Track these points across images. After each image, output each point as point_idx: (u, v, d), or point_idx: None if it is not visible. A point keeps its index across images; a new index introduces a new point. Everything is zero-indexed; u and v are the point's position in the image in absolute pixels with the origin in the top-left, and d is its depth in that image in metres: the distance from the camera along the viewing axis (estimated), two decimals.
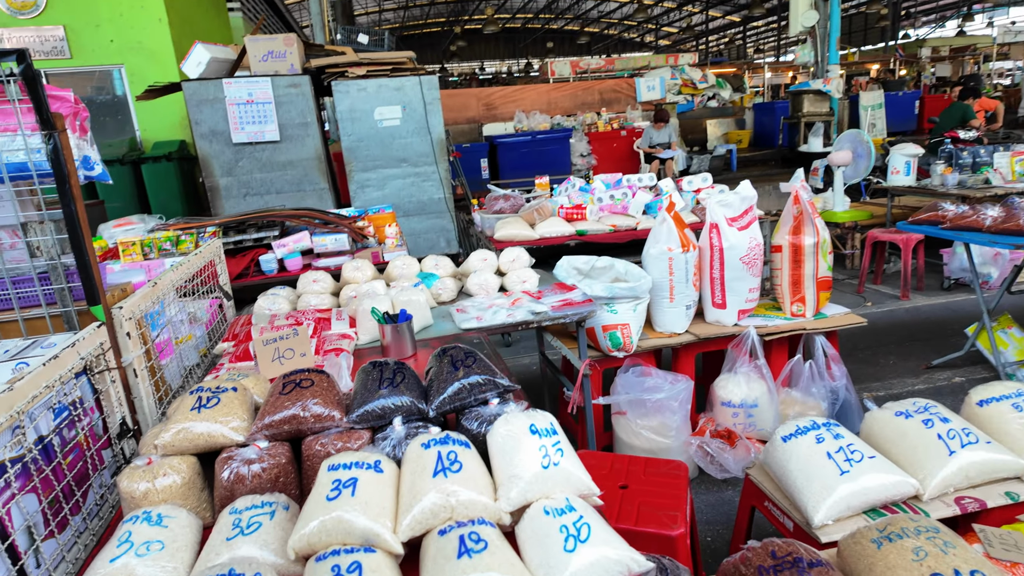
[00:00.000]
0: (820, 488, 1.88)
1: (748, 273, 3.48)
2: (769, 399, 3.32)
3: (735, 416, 3.35)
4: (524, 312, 2.79)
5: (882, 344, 4.95)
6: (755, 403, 3.31)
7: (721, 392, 3.38)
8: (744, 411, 3.33)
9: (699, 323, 3.61)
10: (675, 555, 1.85)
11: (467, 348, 1.62)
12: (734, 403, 3.32)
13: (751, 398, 3.30)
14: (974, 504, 1.91)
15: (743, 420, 3.34)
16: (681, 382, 3.19)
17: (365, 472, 1.20)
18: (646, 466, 2.20)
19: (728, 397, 3.34)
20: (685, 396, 3.16)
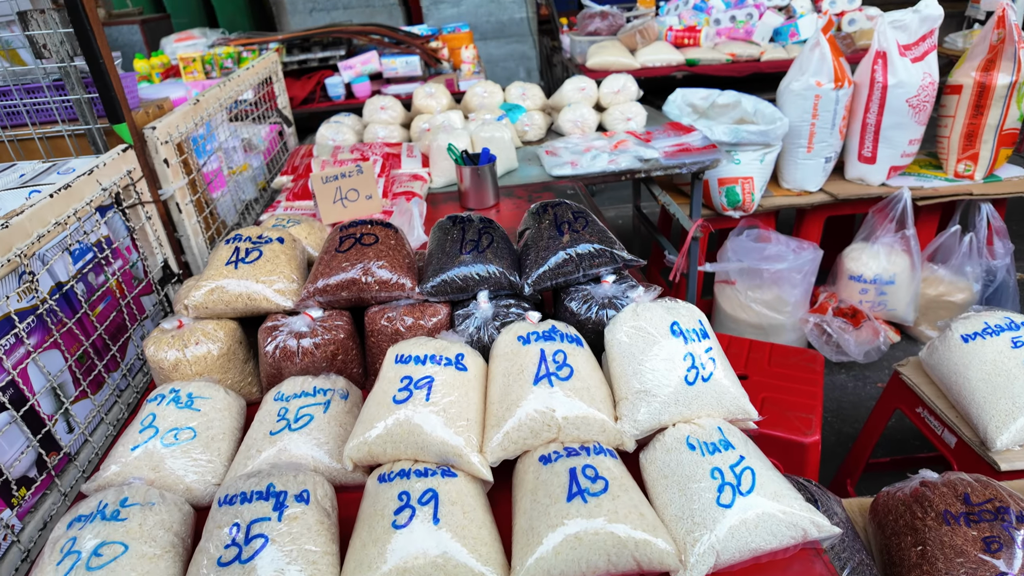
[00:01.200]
0: (1010, 405, 1.46)
1: (912, 120, 2.76)
2: (910, 276, 2.79)
3: (863, 293, 2.87)
4: (630, 158, 2.30)
5: None
6: (891, 280, 2.79)
7: (851, 264, 2.87)
8: (876, 288, 2.83)
9: (836, 180, 3.00)
10: (803, 466, 1.54)
11: (576, 206, 1.21)
12: (866, 278, 2.82)
13: (888, 273, 2.78)
14: None
15: (872, 298, 2.86)
16: (807, 251, 2.69)
17: (444, 369, 0.89)
18: (771, 353, 1.83)
19: (859, 271, 2.84)
20: (811, 267, 2.68)
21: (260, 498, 0.78)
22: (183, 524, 0.84)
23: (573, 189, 2.13)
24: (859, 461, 1.93)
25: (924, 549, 1.09)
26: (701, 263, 2.63)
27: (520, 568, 0.75)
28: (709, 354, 0.91)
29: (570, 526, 0.75)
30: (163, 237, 1.56)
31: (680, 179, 2.96)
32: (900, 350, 2.96)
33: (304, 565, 0.74)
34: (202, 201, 1.80)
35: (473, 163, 2.00)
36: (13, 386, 1.02)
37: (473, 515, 0.80)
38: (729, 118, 3.01)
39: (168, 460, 0.91)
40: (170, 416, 0.95)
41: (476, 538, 0.78)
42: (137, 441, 0.93)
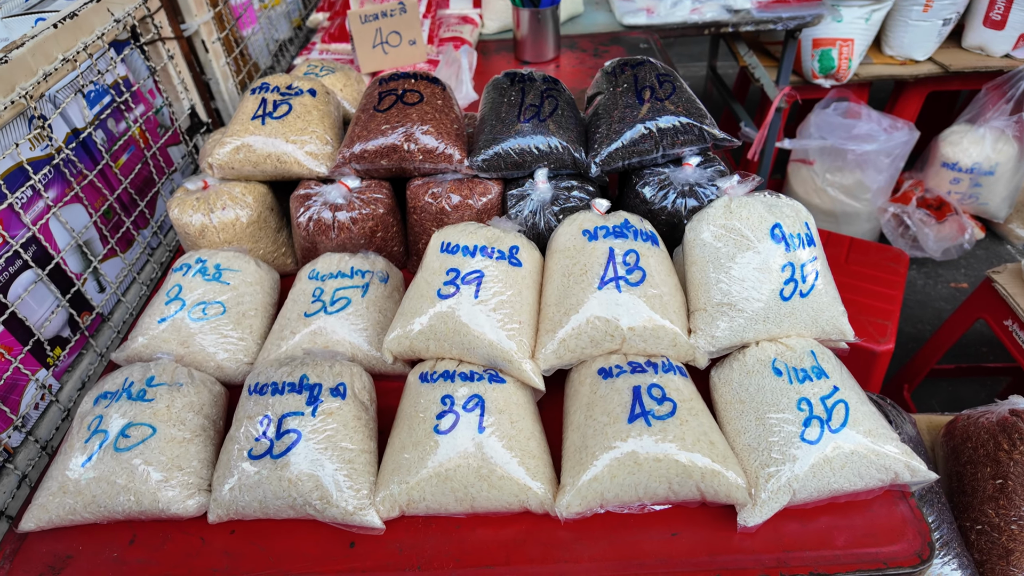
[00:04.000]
0: None
1: None
2: (1015, 167, 2.46)
3: (955, 183, 2.56)
4: (716, 8, 1.96)
5: None
6: (991, 170, 2.47)
7: (948, 149, 2.54)
8: (971, 178, 2.52)
9: (949, 49, 2.56)
10: (870, 375, 1.43)
11: (663, 68, 1.00)
12: (962, 166, 2.51)
13: (989, 162, 2.46)
14: None
15: (964, 189, 2.56)
16: (902, 131, 2.37)
17: (496, 263, 0.77)
18: (850, 249, 1.65)
19: (956, 157, 2.52)
20: (903, 151, 2.37)
21: (293, 390, 0.72)
22: (214, 406, 0.79)
23: (647, 43, 1.85)
24: (922, 368, 1.81)
25: (1005, 483, 1.00)
26: (780, 138, 2.35)
27: (571, 486, 0.69)
28: (813, 264, 0.77)
29: (629, 448, 0.67)
30: (188, 80, 1.41)
31: (769, 37, 2.57)
32: (982, 248, 2.71)
33: (340, 464, 0.69)
34: (231, 39, 1.62)
35: (533, 5, 1.73)
36: (36, 243, 0.95)
37: (522, 425, 0.73)
38: None
39: (198, 336, 0.85)
40: (197, 288, 0.88)
41: (524, 450, 0.71)
42: (164, 313, 0.86)
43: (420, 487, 0.69)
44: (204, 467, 0.73)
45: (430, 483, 0.69)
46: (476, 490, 0.69)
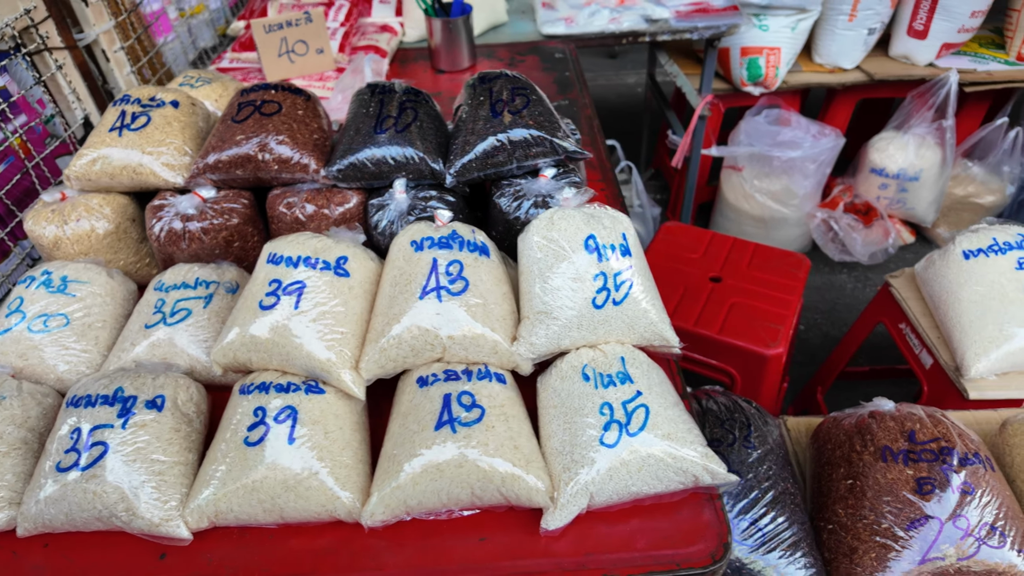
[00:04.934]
0: (994, 331, 1.34)
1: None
2: (938, 173, 2.52)
3: (883, 189, 2.62)
4: (634, 17, 1.99)
5: None
6: (916, 176, 2.53)
7: (876, 155, 2.60)
8: (898, 184, 2.58)
9: (877, 57, 2.62)
10: (762, 378, 1.46)
11: (521, 80, 1.02)
12: (888, 172, 2.57)
13: (914, 168, 2.52)
14: None
15: (892, 194, 2.63)
16: (829, 138, 2.42)
17: (319, 274, 0.79)
18: (753, 254, 1.69)
19: (883, 163, 2.57)
20: (829, 157, 2.43)
21: (105, 403, 0.72)
22: (41, 418, 0.80)
23: (563, 52, 1.87)
24: (832, 370, 1.85)
25: (855, 483, 1.03)
26: (708, 145, 2.39)
27: (376, 495, 0.70)
28: (628, 273, 0.79)
29: (432, 456, 0.69)
30: (82, 89, 1.41)
31: (700, 45, 2.62)
32: (912, 252, 2.77)
33: (149, 476, 0.70)
34: (138, 48, 1.62)
35: (444, 14, 1.75)
36: None
37: (337, 435, 0.74)
38: None
39: (37, 348, 0.85)
40: (40, 300, 0.88)
41: (336, 460, 0.72)
42: (3, 326, 0.86)
43: (228, 498, 0.70)
44: (19, 481, 0.74)
45: (237, 495, 0.70)
46: (284, 501, 0.70)
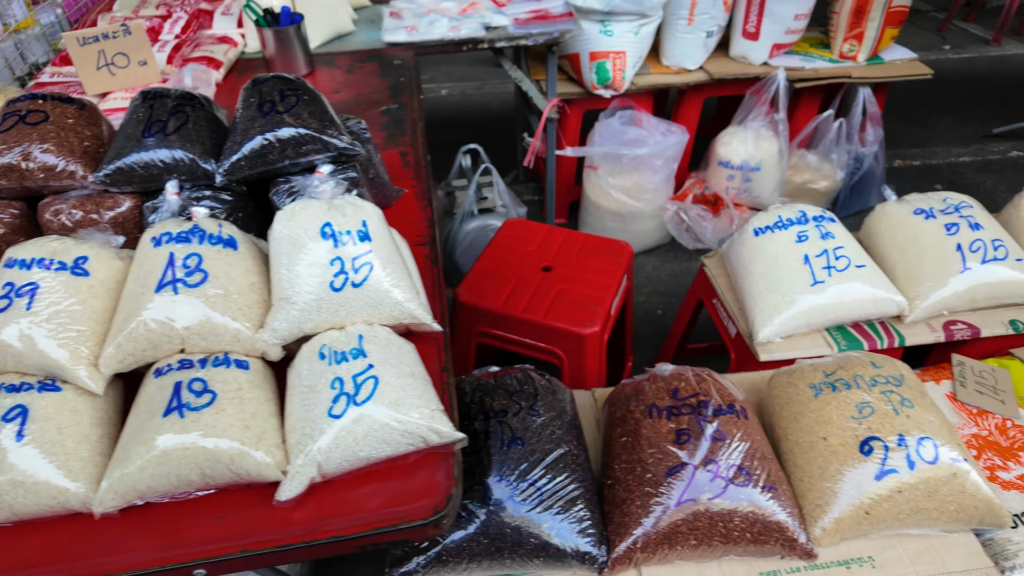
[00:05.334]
0: (779, 299, 1.49)
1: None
2: (777, 163, 2.75)
3: (730, 180, 2.83)
4: (474, 25, 2.08)
5: (942, 101, 4.11)
6: (758, 166, 2.75)
7: (721, 149, 2.80)
8: (742, 175, 2.80)
9: (720, 58, 2.84)
10: (583, 356, 1.56)
11: (293, 81, 1.07)
12: (733, 164, 2.78)
13: (754, 159, 2.74)
14: (965, 331, 1.53)
15: (738, 185, 2.84)
16: (674, 135, 2.60)
17: (54, 275, 0.80)
18: (583, 244, 1.80)
19: (728, 156, 2.78)
20: (674, 153, 2.61)
21: None
22: None
23: (401, 59, 1.94)
24: (669, 348, 2.00)
25: (627, 440, 1.13)
26: (562, 146, 2.51)
27: (105, 483, 0.73)
28: (367, 257, 0.85)
29: (159, 442, 0.72)
30: None
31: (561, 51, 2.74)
32: None
33: None
34: None
35: (276, 24, 1.77)
36: None
37: (72, 431, 0.76)
38: None
39: None
40: None
41: (70, 454, 0.74)
42: None
43: None
44: None
45: None
46: (12, 497, 0.72)
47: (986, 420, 1.35)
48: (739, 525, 1.04)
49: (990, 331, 1.54)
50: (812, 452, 1.13)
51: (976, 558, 1.12)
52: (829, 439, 1.12)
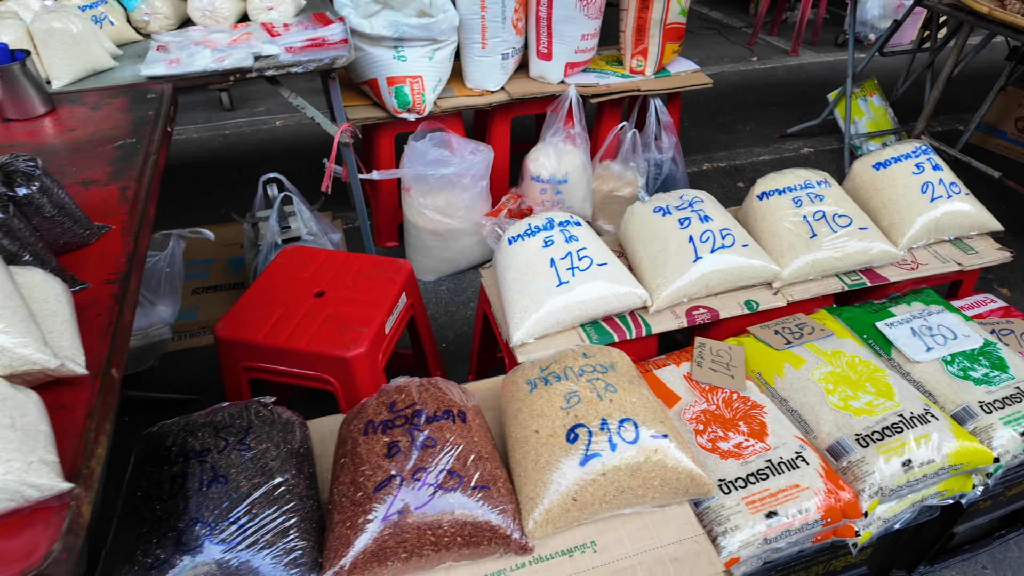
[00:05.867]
0: (529, 302, 1.55)
1: (582, 13, 2.76)
2: (582, 174, 2.90)
3: (543, 193, 2.95)
4: (242, 55, 2.04)
5: (748, 106, 4.53)
6: (565, 179, 2.89)
7: (531, 165, 2.92)
8: (553, 188, 2.92)
9: (522, 78, 2.97)
10: (352, 377, 1.54)
11: None
12: (543, 178, 2.89)
13: (561, 173, 2.87)
14: (706, 315, 1.67)
15: (551, 198, 2.96)
16: (480, 153, 2.68)
17: None
18: (361, 266, 1.79)
19: (537, 171, 2.90)
20: (480, 170, 2.68)
21: None
22: None
23: (156, 93, 1.86)
24: (472, 362, 2.03)
25: (345, 461, 1.12)
26: (365, 171, 2.51)
27: None
28: None
29: None
30: None
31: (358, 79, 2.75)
32: None
33: None
34: None
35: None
36: None
37: None
38: (413, 8, 2.82)
39: None
40: None
41: None
42: None
43: None
44: None
45: None
46: None
47: (716, 395, 1.46)
48: (448, 531, 1.05)
49: (728, 312, 1.68)
50: (527, 446, 1.16)
51: (689, 528, 1.19)
52: (540, 431, 1.16)
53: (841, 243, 1.73)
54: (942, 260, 1.86)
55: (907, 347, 1.58)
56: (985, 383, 1.48)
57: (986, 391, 1.47)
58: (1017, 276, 2.88)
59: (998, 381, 1.49)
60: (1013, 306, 1.86)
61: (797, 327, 1.65)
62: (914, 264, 1.85)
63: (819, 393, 1.44)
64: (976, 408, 1.44)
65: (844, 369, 1.50)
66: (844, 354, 1.54)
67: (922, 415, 1.37)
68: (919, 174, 1.88)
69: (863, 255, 1.75)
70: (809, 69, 5.24)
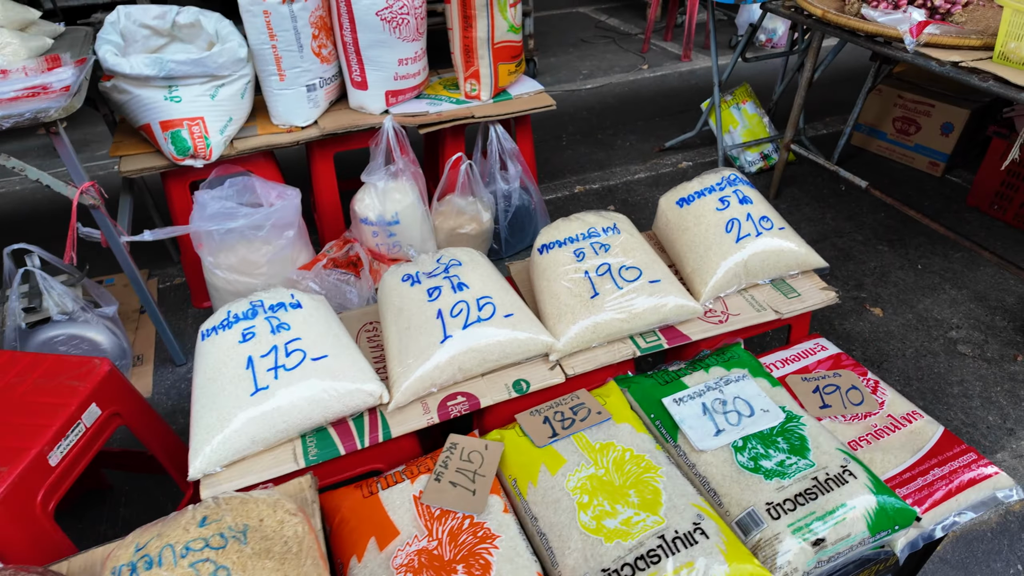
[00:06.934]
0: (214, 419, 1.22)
1: (393, 36, 2.46)
2: (414, 212, 2.59)
3: (375, 236, 2.63)
4: None
5: (632, 119, 4.31)
6: (395, 219, 2.58)
7: (357, 206, 2.60)
8: (385, 230, 2.61)
9: (342, 110, 2.65)
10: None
11: None
12: (371, 220, 2.58)
13: (389, 213, 2.56)
14: (464, 404, 1.37)
15: (384, 240, 2.65)
16: (287, 199, 2.34)
17: None
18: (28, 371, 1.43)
19: (364, 213, 2.58)
20: (286, 218, 2.34)
21: None
22: None
23: None
24: None
25: None
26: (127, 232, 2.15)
27: None
28: None
29: None
30: None
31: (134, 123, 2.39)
32: None
33: None
34: None
35: None
36: None
37: None
38: (204, 41, 2.48)
39: None
40: None
41: None
42: None
43: None
44: None
45: None
46: None
47: (444, 524, 1.15)
48: None
49: (492, 398, 1.39)
50: None
51: None
52: None
53: (627, 301, 1.46)
54: (757, 308, 1.61)
55: (693, 431, 1.31)
56: (778, 475, 1.21)
57: (777, 487, 1.20)
58: (891, 293, 2.69)
59: (794, 471, 1.22)
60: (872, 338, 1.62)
61: (572, 410, 1.36)
62: (724, 315, 1.59)
63: (571, 509, 1.15)
64: (762, 512, 1.16)
65: (609, 471, 1.21)
66: (615, 447, 1.26)
67: (688, 534, 1.09)
68: (723, 210, 1.62)
69: (655, 313, 1.48)
70: (700, 75, 5.08)
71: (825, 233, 3.03)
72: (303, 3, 2.31)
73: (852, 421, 1.44)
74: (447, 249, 1.50)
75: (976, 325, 2.51)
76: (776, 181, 3.27)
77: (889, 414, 1.45)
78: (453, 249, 1.50)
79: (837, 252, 2.91)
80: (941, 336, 2.47)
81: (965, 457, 1.35)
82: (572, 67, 5.28)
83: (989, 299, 2.63)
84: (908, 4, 2.29)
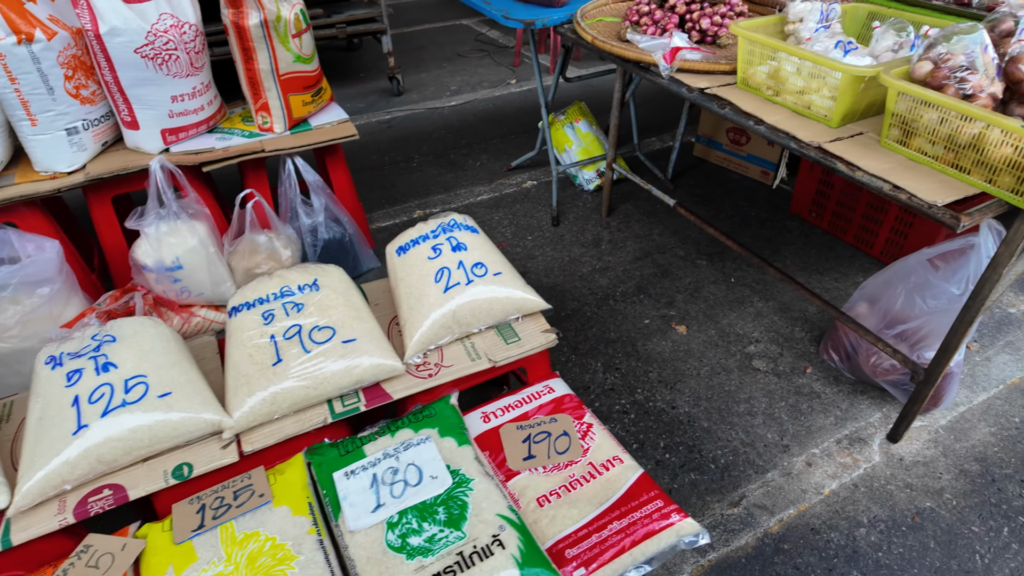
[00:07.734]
0: None
1: (160, 74, 2.32)
2: (198, 255, 2.45)
3: (159, 283, 2.48)
4: None
5: (487, 137, 4.27)
6: (177, 264, 2.43)
7: (137, 253, 2.44)
8: (169, 276, 2.45)
9: (119, 151, 2.49)
10: None
11: None
12: (150, 266, 2.42)
13: (169, 258, 2.41)
14: (110, 499, 1.25)
15: (171, 286, 2.49)
16: (42, 253, 2.17)
17: None
18: None
19: (143, 260, 2.42)
20: (35, 276, 2.16)
21: None
22: None
23: None
24: None
25: None
26: None
27: None
28: None
29: None
30: None
31: None
32: None
33: None
34: None
35: None
36: None
37: None
38: None
39: None
40: None
41: None
42: None
43: None
44: None
45: None
46: None
47: None
48: None
49: (147, 487, 1.28)
50: None
51: None
52: None
53: (314, 366, 1.37)
54: (473, 357, 1.55)
55: (352, 508, 1.23)
56: (421, 554, 1.15)
57: (417, 567, 1.13)
58: (700, 309, 2.71)
59: (441, 546, 1.16)
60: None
61: (235, 494, 1.26)
62: (437, 367, 1.52)
63: None
64: None
65: (239, 567, 1.12)
66: (257, 537, 1.17)
67: None
68: (435, 259, 1.56)
69: (346, 376, 1.40)
70: (565, 88, 5.08)
71: (648, 250, 3.05)
72: (46, 43, 2.15)
73: (552, 472, 1.39)
74: (114, 322, 1.38)
75: (775, 338, 2.55)
76: (605, 200, 3.28)
77: (590, 462, 1.42)
78: (119, 320, 1.38)
79: (656, 269, 2.92)
80: (739, 352, 2.49)
81: (651, 506, 1.32)
82: (441, 83, 5.21)
83: (792, 310, 2.69)
84: (677, 28, 2.30)
